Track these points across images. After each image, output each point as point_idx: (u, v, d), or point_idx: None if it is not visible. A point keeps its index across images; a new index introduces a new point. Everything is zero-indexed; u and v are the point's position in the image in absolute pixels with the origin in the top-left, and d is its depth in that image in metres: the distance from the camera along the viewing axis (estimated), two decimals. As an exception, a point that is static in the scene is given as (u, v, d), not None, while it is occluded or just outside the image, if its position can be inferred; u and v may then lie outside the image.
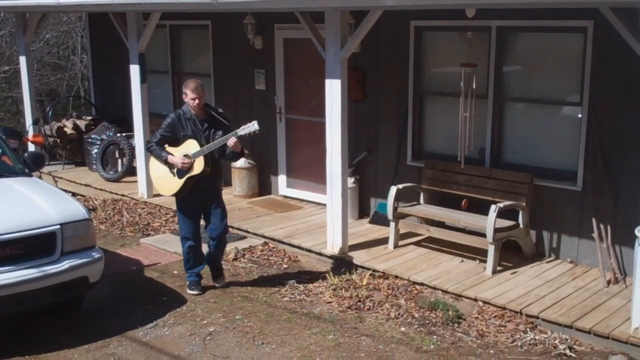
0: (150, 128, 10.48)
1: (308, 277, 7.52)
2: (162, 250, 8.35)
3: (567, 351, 5.84)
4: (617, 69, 6.96)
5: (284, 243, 8.46)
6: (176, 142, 6.80)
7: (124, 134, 11.64)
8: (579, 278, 7.20)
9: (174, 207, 9.82)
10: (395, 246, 8.09)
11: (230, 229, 8.98)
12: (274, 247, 8.41)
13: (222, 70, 10.71)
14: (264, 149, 10.26)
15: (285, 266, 7.87)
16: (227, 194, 10.32)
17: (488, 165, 8.10)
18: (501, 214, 7.26)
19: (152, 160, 7.04)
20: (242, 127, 6.63)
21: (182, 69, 11.85)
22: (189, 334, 6.14)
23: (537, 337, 6.06)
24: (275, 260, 8.05)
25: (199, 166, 6.70)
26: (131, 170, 11.15)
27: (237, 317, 6.47)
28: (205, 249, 7.21)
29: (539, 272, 7.34)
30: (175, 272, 7.62)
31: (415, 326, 6.31)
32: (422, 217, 8.19)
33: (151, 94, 10.86)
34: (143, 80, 10.12)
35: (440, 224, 8.19)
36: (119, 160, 11.54)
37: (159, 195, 10.44)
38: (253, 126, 6.59)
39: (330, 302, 6.79)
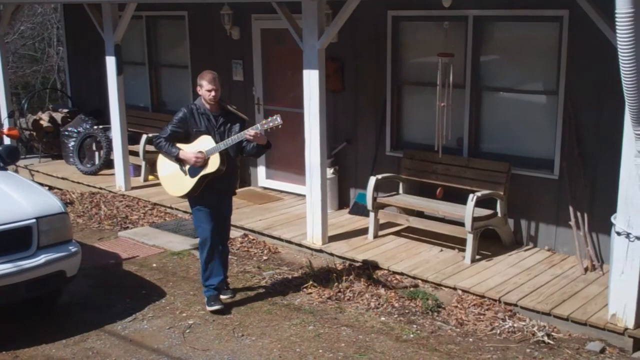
0: (128, 120, 10.43)
1: (288, 268, 7.51)
2: (140, 243, 8.30)
3: (545, 338, 5.88)
4: (592, 58, 7.00)
5: (263, 235, 8.45)
6: (187, 139, 6.24)
7: (100, 127, 11.54)
8: (557, 266, 7.26)
9: (152, 199, 9.87)
10: (375, 236, 8.10)
11: (209, 221, 9.00)
12: (253, 239, 8.40)
13: (199, 61, 10.64)
14: (242, 141, 10.21)
15: (265, 258, 7.86)
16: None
17: (466, 155, 8.13)
18: (479, 203, 7.29)
19: (160, 158, 6.49)
20: (264, 121, 6.09)
21: (159, 61, 11.78)
22: (168, 327, 6.12)
23: (515, 325, 6.10)
24: (255, 252, 8.04)
25: (214, 164, 6.14)
26: (108, 163, 11.06)
27: (217, 309, 6.47)
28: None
29: (517, 261, 7.39)
30: (154, 265, 7.58)
31: (395, 316, 6.33)
32: (401, 207, 8.21)
33: (128, 85, 10.78)
34: (119, 72, 10.02)
35: (420, 214, 8.21)
36: (96, 153, 11.44)
37: (137, 187, 10.42)
38: (276, 120, 6.03)
39: (311, 293, 6.80)
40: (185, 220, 9.05)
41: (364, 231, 8.23)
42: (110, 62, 10.00)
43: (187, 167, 6.22)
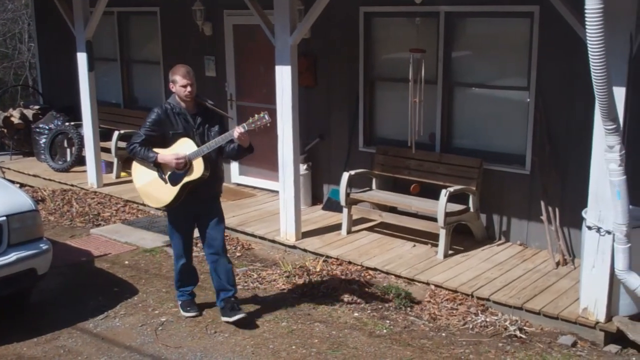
0: (99, 116, 10.33)
1: (261, 264, 7.50)
2: (112, 240, 8.24)
3: (518, 332, 5.92)
4: (563, 53, 7.05)
5: (237, 231, 8.42)
6: (164, 144, 5.69)
7: (72, 123, 11.44)
8: (529, 260, 7.32)
9: (125, 196, 9.80)
10: (348, 232, 8.11)
11: (183, 218, 8.95)
12: (227, 236, 8.30)
13: (171, 57, 10.55)
14: (215, 137, 10.17)
15: (238, 254, 7.83)
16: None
17: (439, 150, 8.16)
18: (452, 198, 7.33)
19: (135, 166, 5.93)
20: (250, 121, 5.58)
21: (130, 57, 11.70)
22: (141, 324, 6.08)
23: (488, 319, 6.14)
24: (228, 248, 7.95)
25: (197, 170, 5.61)
26: (80, 160, 10.96)
27: (190, 306, 6.43)
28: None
29: (489, 255, 7.43)
30: (127, 262, 7.53)
31: (369, 311, 6.34)
32: (374, 202, 8.23)
33: (100, 82, 10.67)
34: (91, 68, 9.92)
35: (393, 210, 8.24)
36: (68, 150, 11.33)
37: (109, 184, 10.33)
38: (263, 118, 5.55)
39: (284, 290, 6.79)
40: (158, 217, 8.99)
41: (337, 227, 8.24)
42: (82, 58, 9.89)
43: (168, 174, 5.70)
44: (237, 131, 5.54)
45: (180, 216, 5.94)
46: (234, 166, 10.22)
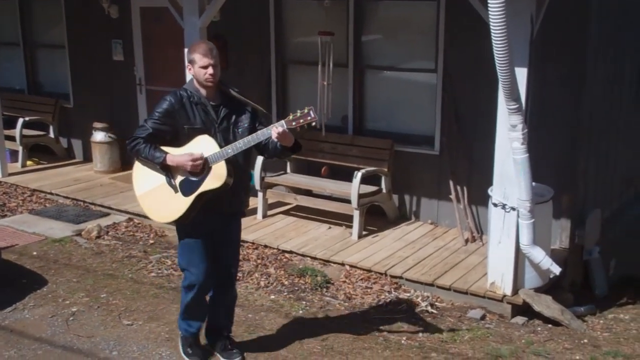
0: (3, 103, 9.96)
1: (175, 251, 7.40)
2: (20, 231, 7.98)
3: (429, 308, 6.09)
4: (468, 36, 7.21)
5: (149, 218, 8.25)
6: (176, 140, 4.51)
7: (-27, 111, 10.98)
8: (439, 238, 7.50)
9: (31, 185, 9.50)
10: (264, 216, 8.12)
11: (93, 206, 8.77)
12: (139, 223, 8.23)
13: (77, 41, 10.29)
14: (124, 123, 9.95)
15: (151, 242, 7.72)
16: (87, 170, 10.11)
17: (351, 133, 8.24)
18: (365, 179, 7.43)
19: (137, 167, 4.68)
20: (290, 117, 4.39)
21: (34, 41, 11.28)
22: (51, 315, 5.93)
23: (401, 297, 6.29)
24: (141, 236, 7.89)
25: (218, 176, 4.42)
26: (-17, 149, 10.55)
27: (102, 295, 6.30)
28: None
29: (402, 235, 7.58)
30: (35, 253, 7.31)
31: (285, 293, 6.38)
32: (289, 186, 8.26)
33: (2, 67, 10.32)
34: (-9, 53, 9.55)
35: (308, 192, 8.29)
36: (-31, 139, 10.88)
37: (14, 173, 9.97)
38: (308, 115, 4.34)
39: (199, 275, 6.74)
40: (67, 205, 8.77)
41: (253, 211, 8.21)
42: (-19, 42, 9.51)
43: (178, 180, 4.49)
44: (275, 131, 4.36)
45: (197, 232, 4.68)
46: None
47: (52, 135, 10.76)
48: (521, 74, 5.42)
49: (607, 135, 7.55)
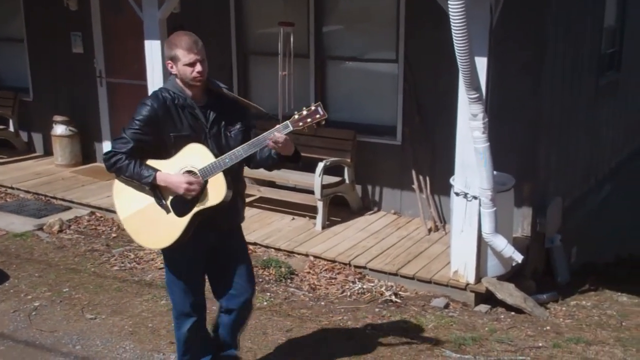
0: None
1: (138, 244, 7.35)
2: (-22, 226, 7.87)
3: (393, 297, 6.13)
4: (428, 26, 7.22)
5: (111, 212, 8.20)
6: (162, 151, 3.87)
7: None
8: (403, 228, 7.55)
9: (-10, 179, 9.36)
10: (227, 208, 8.08)
11: (54, 200, 8.65)
12: (101, 217, 8.15)
13: (36, 34, 10.12)
14: (85, 116, 9.85)
15: (114, 235, 7.66)
16: (48, 164, 9.97)
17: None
18: (328, 170, 7.44)
19: (118, 187, 4.00)
20: (296, 117, 3.81)
21: (-9, 34, 11.09)
22: (13, 310, 5.85)
23: (365, 287, 6.32)
24: (103, 229, 7.81)
25: (217, 191, 3.81)
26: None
27: (64, 290, 6.24)
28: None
29: (365, 225, 7.61)
30: (-5, 248, 7.22)
31: (249, 285, 6.37)
32: (252, 177, 8.22)
33: (-43, 60, 10.10)
34: (-54, 45, 9.35)
35: (271, 184, 8.28)
36: None
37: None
38: (317, 113, 3.79)
39: (161, 268, 6.70)
40: (28, 200, 8.64)
41: (215, 203, 8.19)
42: None
43: (170, 198, 3.87)
44: (278, 133, 3.79)
45: (187, 256, 4.03)
46: (106, 145, 9.81)
47: (11, 129, 10.60)
48: (481, 63, 5.47)
49: (567, 124, 7.66)
